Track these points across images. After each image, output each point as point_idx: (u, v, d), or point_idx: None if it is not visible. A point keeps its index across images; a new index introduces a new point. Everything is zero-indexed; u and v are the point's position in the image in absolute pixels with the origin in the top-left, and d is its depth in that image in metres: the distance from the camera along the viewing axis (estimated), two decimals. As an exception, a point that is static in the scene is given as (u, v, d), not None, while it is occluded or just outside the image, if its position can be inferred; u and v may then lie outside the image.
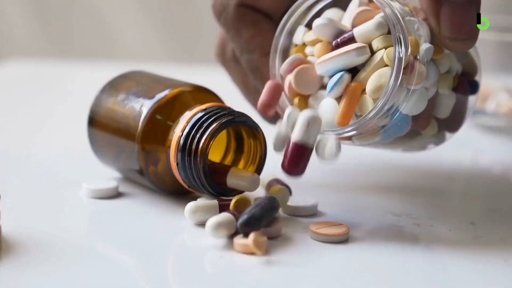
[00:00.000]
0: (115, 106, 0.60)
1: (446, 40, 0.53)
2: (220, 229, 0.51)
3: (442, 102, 0.56)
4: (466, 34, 0.53)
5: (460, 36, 0.53)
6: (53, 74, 1.08)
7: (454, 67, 0.56)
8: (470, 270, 0.50)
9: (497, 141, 0.80)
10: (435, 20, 0.53)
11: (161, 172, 0.57)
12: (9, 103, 0.94)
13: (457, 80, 0.56)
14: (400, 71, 0.52)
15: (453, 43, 0.53)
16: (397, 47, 0.52)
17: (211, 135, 0.55)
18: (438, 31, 0.53)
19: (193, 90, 0.59)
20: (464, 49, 0.54)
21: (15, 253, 0.50)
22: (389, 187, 0.64)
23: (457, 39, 0.53)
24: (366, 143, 0.55)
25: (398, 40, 0.52)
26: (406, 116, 0.54)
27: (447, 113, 0.56)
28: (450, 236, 0.54)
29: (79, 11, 1.49)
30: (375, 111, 0.52)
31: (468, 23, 0.53)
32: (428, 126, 0.56)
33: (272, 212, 0.52)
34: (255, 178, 0.55)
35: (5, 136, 0.78)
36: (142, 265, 0.49)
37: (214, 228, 0.51)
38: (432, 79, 0.53)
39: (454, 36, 0.53)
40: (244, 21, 0.60)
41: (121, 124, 0.59)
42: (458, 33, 0.53)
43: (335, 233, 0.52)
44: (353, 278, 0.48)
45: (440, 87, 0.55)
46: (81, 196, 0.59)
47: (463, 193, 0.66)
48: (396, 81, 0.52)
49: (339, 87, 0.53)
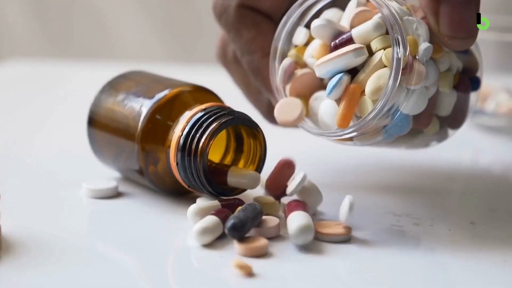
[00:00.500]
0: (115, 106, 0.60)
1: (445, 38, 0.53)
2: (206, 234, 0.51)
3: (443, 100, 0.56)
4: (465, 32, 0.53)
5: (459, 34, 0.53)
6: (53, 74, 1.08)
7: (455, 64, 0.56)
8: (470, 270, 0.50)
9: (496, 141, 0.80)
10: (434, 19, 0.53)
11: (161, 172, 0.57)
12: (9, 103, 0.94)
13: (458, 77, 0.56)
14: (399, 71, 0.52)
15: (452, 41, 0.53)
16: (395, 48, 0.52)
17: (211, 134, 0.55)
18: (437, 30, 0.53)
19: (192, 90, 0.59)
20: (463, 47, 0.54)
21: (15, 253, 0.50)
22: (389, 187, 0.64)
23: (456, 37, 0.53)
24: (368, 143, 0.55)
25: (396, 41, 0.52)
26: (407, 116, 0.54)
27: (448, 111, 0.56)
28: (449, 236, 0.54)
29: (79, 11, 1.49)
30: (374, 112, 0.52)
31: (467, 21, 0.53)
32: (430, 124, 0.56)
33: (257, 217, 0.52)
34: (255, 175, 0.55)
35: (5, 136, 0.78)
36: (142, 265, 0.49)
37: (199, 234, 0.51)
38: (432, 78, 0.53)
39: (453, 34, 0.53)
40: (245, 22, 0.60)
41: (121, 124, 0.59)
42: (457, 31, 0.53)
43: (338, 233, 0.52)
44: (354, 277, 0.48)
45: (440, 85, 0.55)
46: (81, 196, 0.59)
47: (463, 193, 0.66)
48: (395, 82, 0.52)
49: (339, 89, 0.53)
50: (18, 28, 1.49)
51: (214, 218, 0.52)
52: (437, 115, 0.57)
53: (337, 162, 0.56)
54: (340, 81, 0.53)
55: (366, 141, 0.55)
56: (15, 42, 1.51)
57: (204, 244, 0.51)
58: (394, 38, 0.52)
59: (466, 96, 0.58)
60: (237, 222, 0.50)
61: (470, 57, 0.58)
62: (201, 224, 0.51)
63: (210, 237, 0.51)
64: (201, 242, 0.51)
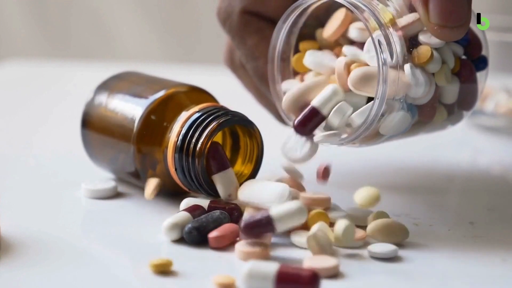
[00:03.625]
0: (109, 108, 0.60)
1: (435, 27, 0.52)
2: (175, 230, 0.51)
3: (445, 90, 0.55)
4: (456, 21, 0.52)
5: (449, 23, 0.52)
6: (52, 74, 1.08)
7: (450, 57, 0.54)
8: (469, 270, 0.50)
9: (496, 141, 0.80)
10: (424, 7, 0.52)
11: (160, 175, 0.57)
12: (8, 103, 0.94)
13: (459, 63, 0.55)
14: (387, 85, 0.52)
15: (442, 30, 0.52)
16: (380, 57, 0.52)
17: (209, 135, 0.55)
18: (427, 19, 0.52)
19: (187, 90, 0.58)
20: (453, 37, 0.53)
21: (13, 253, 0.50)
22: (388, 187, 0.64)
23: (446, 27, 0.52)
24: (373, 144, 0.55)
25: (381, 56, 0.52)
26: (404, 116, 0.54)
27: (453, 98, 0.55)
28: (449, 236, 0.54)
29: (78, 11, 1.49)
30: (364, 127, 0.53)
31: (458, 9, 0.52)
32: (435, 114, 0.55)
33: (216, 223, 0.52)
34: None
35: (4, 137, 0.78)
36: (142, 265, 0.49)
37: (168, 229, 0.51)
38: (420, 90, 0.53)
39: (443, 24, 0.52)
40: (248, 28, 0.60)
41: (116, 126, 0.58)
42: (447, 20, 0.52)
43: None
44: (353, 277, 0.48)
45: (436, 80, 0.54)
46: (80, 196, 0.59)
47: (462, 193, 0.66)
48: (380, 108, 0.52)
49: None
50: (17, 29, 1.49)
51: (186, 214, 0.52)
52: (443, 103, 0.56)
53: (336, 163, 0.56)
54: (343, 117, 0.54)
55: (369, 143, 0.55)
56: (14, 43, 1.51)
57: (173, 239, 0.51)
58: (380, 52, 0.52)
59: (473, 78, 0.56)
60: (196, 227, 0.51)
61: (472, 38, 0.56)
62: (171, 220, 0.51)
63: (180, 233, 0.51)
64: (170, 237, 0.51)
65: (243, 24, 0.60)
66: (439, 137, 0.66)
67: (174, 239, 0.52)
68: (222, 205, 0.54)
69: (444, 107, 0.56)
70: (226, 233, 0.51)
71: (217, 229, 0.51)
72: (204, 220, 0.51)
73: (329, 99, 0.54)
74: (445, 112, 0.56)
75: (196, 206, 0.53)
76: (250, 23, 0.60)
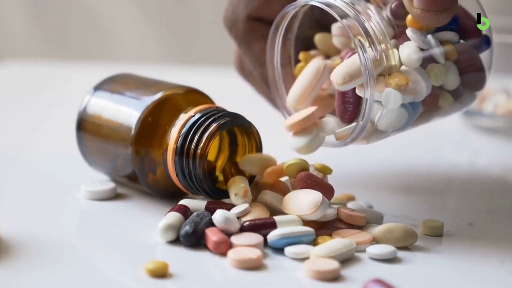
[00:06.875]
0: (105, 110, 0.59)
1: (418, 12, 0.51)
2: (170, 231, 0.51)
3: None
4: (440, 5, 0.51)
5: (433, 7, 0.51)
6: (51, 75, 1.08)
7: (439, 56, 0.53)
8: (468, 271, 0.50)
9: (494, 142, 0.80)
10: None
11: (160, 178, 0.57)
12: (7, 104, 0.94)
13: (455, 51, 0.54)
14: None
15: (426, 15, 0.51)
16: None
17: (210, 137, 0.55)
18: (410, 4, 0.51)
19: (184, 92, 0.58)
20: (438, 22, 0.52)
21: (13, 254, 0.50)
22: (387, 188, 0.64)
23: (431, 11, 0.51)
24: (383, 137, 0.55)
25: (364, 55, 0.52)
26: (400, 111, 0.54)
27: (455, 84, 0.55)
28: (447, 237, 0.54)
29: (77, 12, 1.49)
30: (356, 132, 0.53)
31: None
32: (441, 99, 0.55)
33: (206, 224, 0.52)
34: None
35: (3, 137, 0.78)
36: (141, 266, 0.49)
37: (163, 231, 0.51)
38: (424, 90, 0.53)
39: (426, 8, 0.51)
40: (254, 35, 0.60)
41: (113, 129, 0.58)
42: (431, 3, 0.51)
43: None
44: (353, 277, 0.48)
45: (432, 78, 0.53)
46: (80, 197, 0.59)
47: (461, 194, 0.66)
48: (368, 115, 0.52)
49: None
50: (16, 30, 1.49)
51: (177, 215, 0.52)
52: (447, 89, 0.55)
53: (336, 163, 0.56)
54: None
55: (375, 139, 0.55)
56: (13, 43, 1.51)
57: (168, 240, 0.51)
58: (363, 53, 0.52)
59: (476, 59, 0.55)
60: (190, 229, 0.51)
61: (465, 20, 0.55)
62: (166, 220, 0.52)
63: (175, 235, 0.52)
64: (166, 239, 0.51)
65: (249, 30, 0.60)
66: (438, 138, 0.66)
67: (170, 240, 0.52)
68: (220, 205, 0.54)
69: (448, 92, 0.55)
70: (227, 239, 0.51)
71: (219, 233, 0.51)
72: (197, 220, 0.51)
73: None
74: (450, 97, 0.55)
75: (182, 206, 0.53)
76: (255, 29, 0.60)
